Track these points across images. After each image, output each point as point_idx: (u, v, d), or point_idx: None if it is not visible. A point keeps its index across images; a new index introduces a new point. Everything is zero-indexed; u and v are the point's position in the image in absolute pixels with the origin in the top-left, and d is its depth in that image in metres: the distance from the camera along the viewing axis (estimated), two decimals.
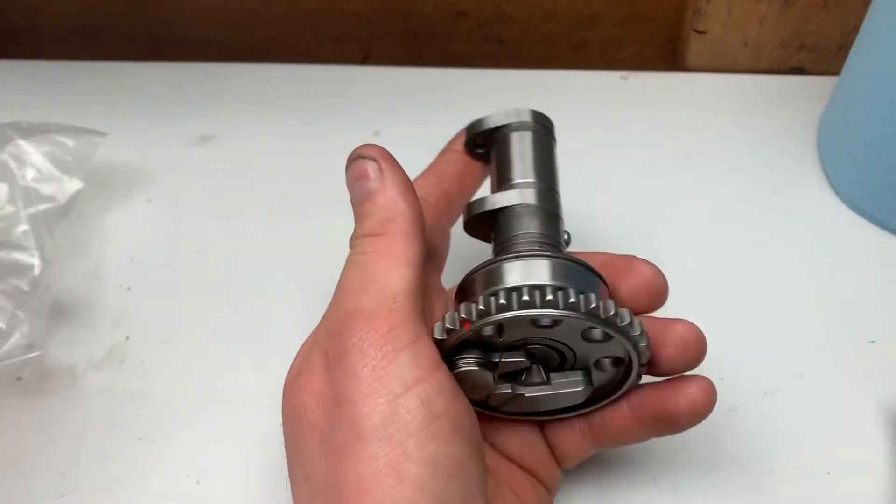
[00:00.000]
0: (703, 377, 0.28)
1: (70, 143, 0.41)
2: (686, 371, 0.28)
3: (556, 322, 0.25)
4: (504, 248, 0.29)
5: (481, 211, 0.30)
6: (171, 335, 0.38)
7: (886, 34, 0.37)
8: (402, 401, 0.23)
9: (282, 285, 0.40)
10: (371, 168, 0.28)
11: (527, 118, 0.32)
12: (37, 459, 0.35)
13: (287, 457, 0.26)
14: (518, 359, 0.27)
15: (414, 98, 0.49)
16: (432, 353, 0.25)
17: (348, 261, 0.27)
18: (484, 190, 0.33)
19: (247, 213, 0.43)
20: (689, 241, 0.41)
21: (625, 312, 0.25)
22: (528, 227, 0.28)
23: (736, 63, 0.49)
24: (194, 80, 0.50)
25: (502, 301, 0.25)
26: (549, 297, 0.24)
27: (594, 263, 0.28)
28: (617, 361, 0.27)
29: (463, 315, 0.25)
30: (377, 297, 0.25)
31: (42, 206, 0.39)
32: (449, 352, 0.26)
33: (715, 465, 0.33)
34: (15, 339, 0.35)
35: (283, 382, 0.27)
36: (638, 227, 0.42)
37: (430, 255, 0.30)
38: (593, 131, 0.46)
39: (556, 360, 0.28)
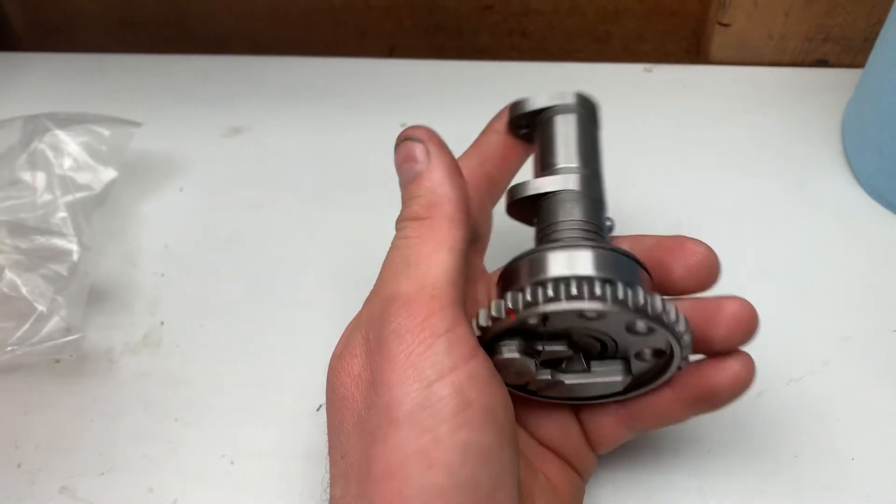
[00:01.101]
0: (743, 352, 0.28)
1: (105, 133, 0.42)
2: (740, 346, 0.28)
3: (601, 315, 0.25)
4: (547, 236, 0.28)
5: (524, 195, 0.30)
6: (204, 320, 0.39)
7: None
8: (435, 388, 0.23)
9: (311, 272, 0.41)
10: (419, 150, 0.28)
11: (571, 101, 0.31)
12: (76, 439, 0.36)
13: (328, 435, 0.27)
14: (560, 347, 0.27)
15: (439, 90, 0.50)
16: (470, 340, 0.25)
17: (392, 244, 0.27)
18: (526, 173, 0.32)
19: (277, 203, 0.44)
20: (716, 233, 0.41)
21: (671, 308, 0.25)
22: (572, 214, 0.28)
23: (760, 56, 0.50)
24: (224, 73, 0.51)
25: (550, 293, 0.24)
26: (598, 290, 0.24)
27: (643, 246, 0.28)
28: (658, 353, 0.27)
29: (509, 305, 0.25)
30: (417, 283, 0.25)
31: (79, 195, 0.40)
32: (492, 338, 0.26)
33: (740, 450, 0.34)
34: (54, 323, 0.36)
35: (328, 363, 0.28)
36: (663, 219, 0.42)
37: (473, 238, 0.30)
38: (617, 124, 0.46)
39: (597, 349, 0.28)
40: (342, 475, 0.25)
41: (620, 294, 0.24)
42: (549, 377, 0.27)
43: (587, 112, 0.31)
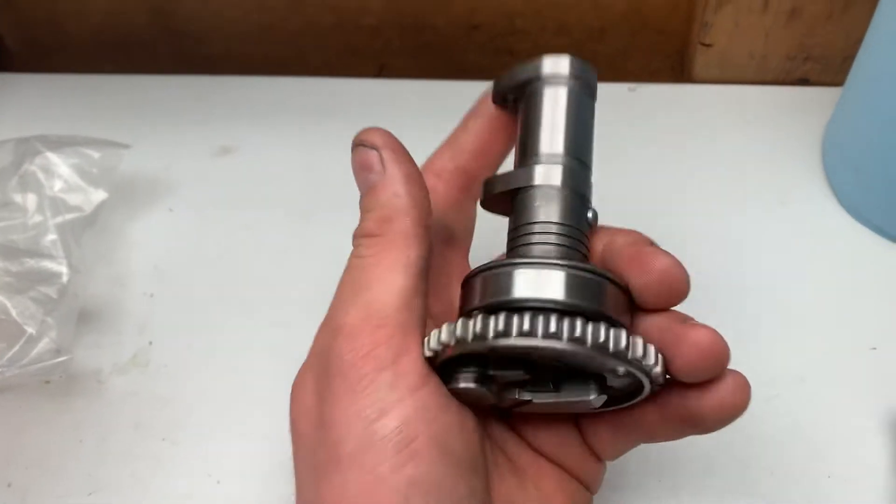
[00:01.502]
0: (737, 373, 0.24)
1: (96, 154, 0.43)
2: (705, 380, 0.24)
3: (559, 354, 0.23)
4: (516, 240, 0.26)
5: (498, 191, 0.27)
6: (193, 341, 0.40)
7: (888, 46, 0.38)
8: (377, 426, 0.22)
9: (299, 292, 0.41)
10: (373, 157, 0.26)
11: (564, 70, 0.27)
12: (65, 460, 0.36)
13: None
14: (517, 373, 0.24)
15: (428, 110, 0.50)
16: (418, 368, 0.23)
17: (347, 263, 0.26)
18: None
19: (267, 223, 0.45)
20: (695, 249, 0.42)
21: (638, 343, 0.23)
22: (549, 216, 0.25)
23: (742, 75, 0.50)
24: (215, 93, 0.52)
25: (500, 326, 0.22)
26: (553, 327, 0.22)
27: (615, 247, 0.26)
28: (629, 373, 0.25)
29: (457, 334, 0.23)
30: (363, 312, 0.24)
31: (69, 216, 0.41)
32: (445, 363, 0.24)
33: (716, 466, 0.34)
34: (44, 344, 0.36)
35: None
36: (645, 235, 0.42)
37: (450, 238, 0.29)
38: (601, 141, 0.47)
39: (563, 370, 0.25)
40: None
41: (578, 332, 0.22)
42: (516, 397, 0.25)
43: (581, 83, 0.27)
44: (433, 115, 0.50)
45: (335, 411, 0.23)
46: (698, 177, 0.46)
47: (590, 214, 0.27)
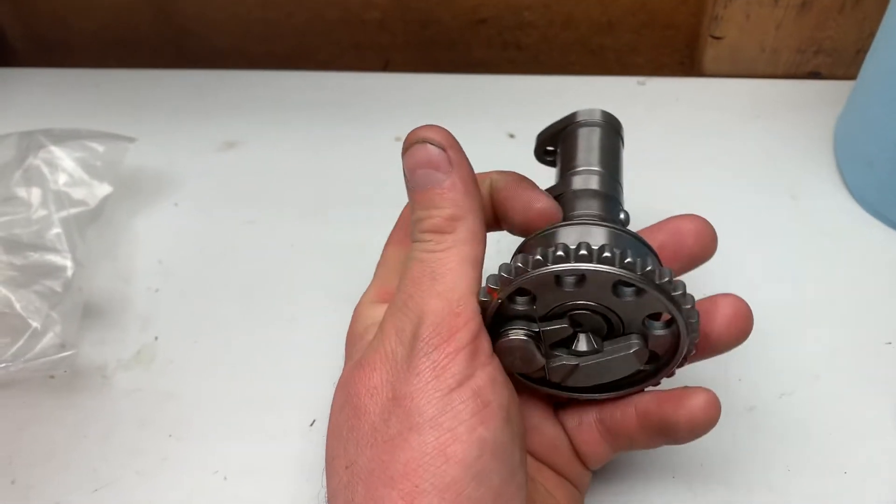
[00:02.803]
0: (707, 390, 0.28)
1: (100, 148, 0.43)
2: (735, 345, 0.29)
3: (580, 279, 0.26)
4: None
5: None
6: (198, 336, 0.39)
7: None
8: (455, 393, 0.25)
9: (304, 287, 0.41)
10: (441, 157, 0.27)
11: (596, 117, 0.33)
12: (69, 455, 0.36)
13: (329, 447, 0.27)
14: (560, 325, 0.27)
15: (433, 104, 0.50)
16: (486, 347, 0.26)
17: (414, 255, 0.27)
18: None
19: (271, 217, 0.44)
20: None
21: (665, 270, 0.25)
22: (589, 207, 0.30)
23: (753, 68, 0.50)
24: (219, 88, 0.52)
25: (560, 253, 0.25)
26: (607, 253, 0.25)
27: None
28: (669, 323, 0.27)
29: (504, 274, 0.26)
30: (445, 300, 0.26)
31: (73, 210, 0.41)
32: (495, 323, 0.27)
33: (732, 463, 0.34)
34: (48, 339, 0.36)
35: (335, 377, 0.28)
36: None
37: None
38: None
39: (604, 329, 0.28)
40: (346, 485, 0.25)
41: (629, 258, 0.25)
42: (564, 361, 0.28)
43: (611, 128, 0.33)
44: (439, 110, 0.50)
45: (415, 385, 0.25)
46: (708, 171, 0.45)
47: (622, 216, 0.31)
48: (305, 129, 0.49)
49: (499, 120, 0.48)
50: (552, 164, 0.35)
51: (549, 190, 0.31)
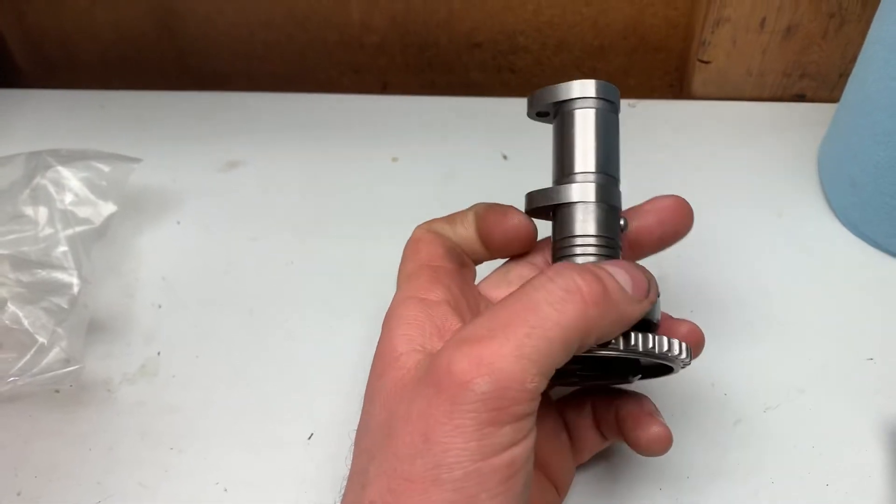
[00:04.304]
0: (664, 427, 0.31)
1: (105, 168, 0.44)
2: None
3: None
4: (563, 250, 0.30)
5: (540, 205, 0.31)
6: (200, 351, 0.40)
7: (881, 64, 0.38)
8: (490, 462, 0.24)
9: (304, 303, 0.42)
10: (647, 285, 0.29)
11: (592, 93, 0.31)
12: (74, 468, 0.37)
13: (353, 455, 0.28)
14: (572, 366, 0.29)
15: (430, 125, 0.51)
16: (534, 419, 0.25)
17: (534, 287, 0.26)
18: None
19: (272, 236, 0.45)
20: (695, 262, 0.43)
21: (684, 347, 0.29)
22: (586, 229, 0.30)
23: (740, 91, 0.51)
24: (222, 109, 0.53)
25: (650, 346, 0.28)
26: (632, 343, 0.28)
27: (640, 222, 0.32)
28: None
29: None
30: (521, 367, 0.24)
31: (79, 228, 0.42)
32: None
33: (718, 476, 0.35)
34: (54, 354, 0.37)
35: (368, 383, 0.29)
36: None
37: (464, 265, 0.32)
38: None
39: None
40: None
41: (651, 344, 0.28)
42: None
43: (607, 103, 0.31)
44: (436, 131, 0.52)
45: (452, 439, 0.24)
46: (696, 191, 0.46)
47: (622, 222, 0.31)
48: (305, 149, 0.50)
49: (493, 141, 0.49)
50: (548, 121, 0.33)
51: (544, 193, 0.31)
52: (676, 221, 0.32)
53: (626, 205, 0.32)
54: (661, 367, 0.31)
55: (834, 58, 0.49)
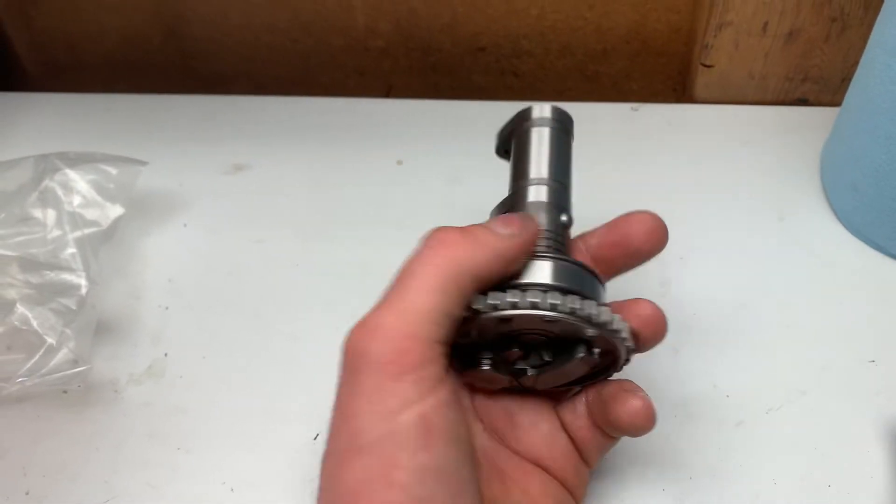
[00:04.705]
0: (644, 401, 0.30)
1: (113, 171, 0.44)
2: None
3: (555, 321, 0.28)
4: None
5: (505, 209, 0.33)
6: (206, 352, 0.41)
7: (882, 69, 0.39)
8: (400, 418, 0.25)
9: (309, 305, 0.43)
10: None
11: (547, 115, 0.34)
12: (81, 467, 0.37)
13: None
14: (514, 349, 0.30)
15: (434, 129, 0.52)
16: (437, 373, 0.26)
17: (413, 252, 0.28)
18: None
19: (278, 238, 0.46)
20: (697, 265, 0.43)
21: (619, 321, 0.29)
22: (541, 224, 0.31)
23: (743, 95, 0.52)
24: (227, 112, 0.53)
25: (517, 300, 0.28)
26: (557, 301, 0.28)
27: (592, 242, 0.32)
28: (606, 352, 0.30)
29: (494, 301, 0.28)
30: (402, 320, 0.26)
31: (87, 231, 0.42)
32: (464, 350, 0.29)
33: (721, 477, 0.35)
34: (63, 355, 0.37)
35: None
36: None
37: None
38: (605, 160, 0.49)
39: (552, 343, 0.30)
40: (317, 498, 0.27)
41: (577, 304, 0.28)
42: (525, 374, 0.30)
43: (560, 125, 0.34)
44: (440, 135, 0.52)
45: (359, 404, 0.25)
46: (699, 194, 0.47)
47: (563, 218, 0.32)
48: (311, 152, 0.50)
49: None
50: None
51: (505, 201, 0.33)
52: (648, 238, 0.31)
53: (632, 195, 0.33)
54: (608, 356, 0.30)
55: (836, 62, 0.49)
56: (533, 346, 0.30)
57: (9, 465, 0.37)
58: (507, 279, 0.29)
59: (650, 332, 0.30)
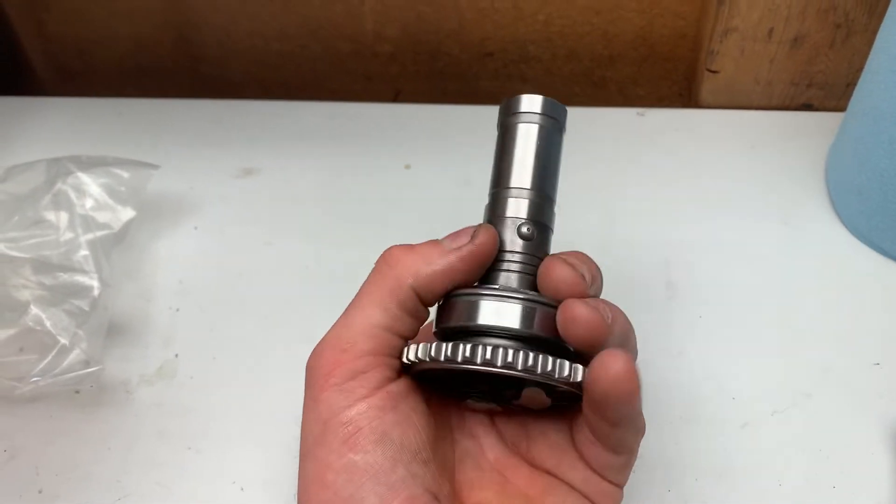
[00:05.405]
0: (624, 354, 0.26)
1: (125, 174, 0.45)
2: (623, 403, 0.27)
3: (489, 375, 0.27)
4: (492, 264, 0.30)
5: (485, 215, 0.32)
6: (217, 353, 0.41)
7: (887, 74, 0.39)
8: (330, 423, 0.27)
9: (319, 306, 0.43)
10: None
11: (537, 108, 0.31)
12: (93, 467, 0.37)
13: None
14: (482, 386, 0.29)
15: (442, 133, 0.52)
16: (370, 383, 0.28)
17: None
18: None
19: (286, 241, 0.46)
20: (703, 269, 0.43)
21: (578, 369, 0.27)
22: (514, 245, 0.30)
23: (748, 100, 0.52)
24: (237, 117, 0.54)
25: (467, 355, 0.27)
26: (510, 358, 0.26)
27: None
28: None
29: (420, 355, 0.28)
30: (337, 336, 0.29)
31: (99, 233, 0.42)
32: (443, 379, 0.30)
33: (725, 478, 0.35)
34: (75, 355, 0.38)
35: None
36: (654, 255, 0.44)
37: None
38: (611, 165, 0.49)
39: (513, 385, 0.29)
40: None
41: (530, 362, 0.26)
42: (487, 405, 0.31)
43: (551, 121, 0.31)
44: (448, 139, 0.52)
45: (305, 415, 0.29)
46: (705, 198, 0.47)
47: (525, 230, 0.30)
48: (320, 156, 0.51)
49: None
50: None
51: (487, 211, 0.31)
52: (616, 395, 0.26)
53: (635, 219, 0.32)
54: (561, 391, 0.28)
55: (841, 68, 0.49)
56: (496, 381, 0.29)
57: (22, 463, 0.37)
58: (476, 287, 0.29)
59: (616, 394, 0.26)
